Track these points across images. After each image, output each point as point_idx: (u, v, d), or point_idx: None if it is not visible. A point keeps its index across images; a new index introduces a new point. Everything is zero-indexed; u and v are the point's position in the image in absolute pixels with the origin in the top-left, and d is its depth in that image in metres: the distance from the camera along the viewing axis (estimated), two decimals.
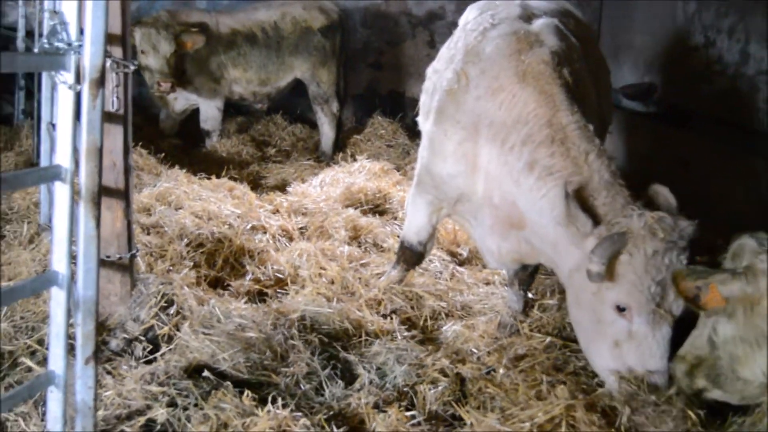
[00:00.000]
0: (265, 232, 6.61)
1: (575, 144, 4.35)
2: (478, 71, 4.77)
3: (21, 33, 8.62)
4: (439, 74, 5.23)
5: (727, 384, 3.93)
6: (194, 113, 10.04)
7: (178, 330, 4.72)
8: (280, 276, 5.85)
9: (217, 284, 5.68)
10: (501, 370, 4.58)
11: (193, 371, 4.34)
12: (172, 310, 4.86)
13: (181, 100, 9.83)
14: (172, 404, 4.03)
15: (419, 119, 5.60)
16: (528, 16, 5.11)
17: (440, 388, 4.44)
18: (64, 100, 3.17)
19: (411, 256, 5.57)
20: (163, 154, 8.42)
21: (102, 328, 4.68)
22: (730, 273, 3.79)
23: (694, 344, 4.04)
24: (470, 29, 5.14)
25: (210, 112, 9.88)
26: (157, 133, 9.90)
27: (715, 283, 3.79)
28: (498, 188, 4.65)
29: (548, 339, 5.03)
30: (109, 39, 4.15)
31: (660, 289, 3.98)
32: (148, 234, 5.94)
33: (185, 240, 5.92)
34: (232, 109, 11.31)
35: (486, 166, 4.69)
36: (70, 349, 3.36)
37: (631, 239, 3.97)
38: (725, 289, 3.76)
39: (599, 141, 4.46)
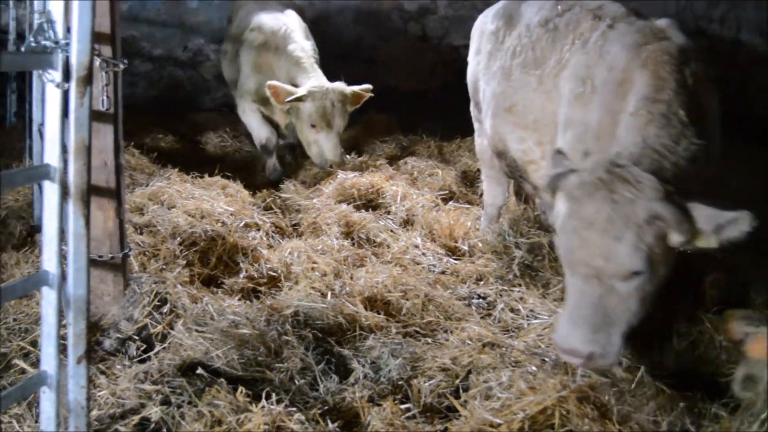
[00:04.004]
0: (258, 230, 6.61)
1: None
2: (605, 71, 4.71)
3: (12, 35, 8.61)
4: (516, 83, 5.48)
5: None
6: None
7: (171, 328, 4.72)
8: (273, 274, 5.85)
9: (210, 282, 5.67)
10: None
11: (187, 369, 4.33)
12: (165, 309, 4.85)
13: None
14: (165, 402, 4.02)
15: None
16: (632, 12, 5.08)
17: (435, 380, 4.45)
18: (52, 98, 3.16)
19: None
20: (155, 154, 8.42)
21: (95, 328, 4.68)
22: None
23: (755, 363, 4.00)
24: (564, 29, 5.25)
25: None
26: (148, 130, 9.78)
27: (763, 335, 3.74)
28: None
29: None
30: (98, 38, 4.16)
31: None
32: (141, 233, 5.93)
33: (178, 239, 5.90)
34: (225, 107, 11.32)
35: None
36: (63, 350, 3.35)
37: None
38: None
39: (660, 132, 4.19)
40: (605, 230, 3.67)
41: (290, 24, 8.51)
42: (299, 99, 7.88)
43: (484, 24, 6.46)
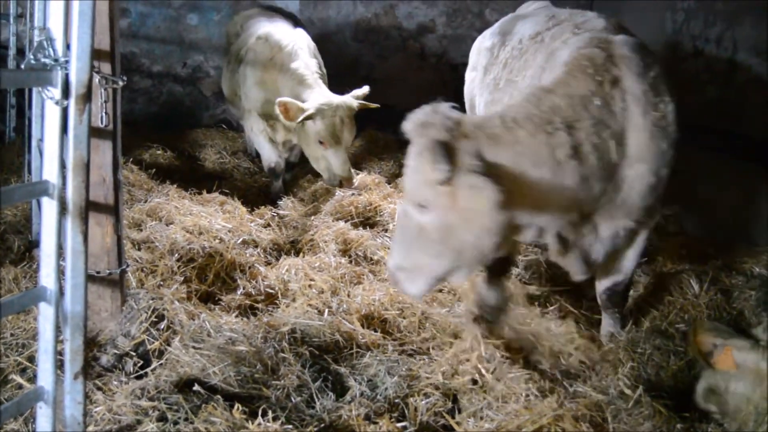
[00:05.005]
0: (256, 247, 6.62)
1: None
2: (549, 75, 4.67)
3: (12, 51, 8.65)
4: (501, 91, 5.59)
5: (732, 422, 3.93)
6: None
7: (168, 345, 4.71)
8: (271, 291, 5.86)
9: (208, 299, 5.67)
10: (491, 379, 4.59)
11: (184, 385, 4.32)
12: (162, 325, 4.85)
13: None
14: (162, 419, 4.00)
15: None
16: (615, 28, 5.03)
17: (432, 399, 4.45)
18: (51, 115, 3.18)
19: None
20: (154, 170, 8.43)
21: (93, 344, 4.67)
22: (750, 342, 3.78)
23: (716, 374, 4.02)
24: (549, 41, 5.27)
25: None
26: (146, 146, 9.78)
27: (731, 347, 3.78)
28: None
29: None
30: (98, 55, 4.18)
31: None
32: (139, 249, 5.94)
33: (176, 255, 5.91)
34: (224, 124, 11.36)
35: None
36: (60, 365, 3.35)
37: None
38: (740, 356, 3.74)
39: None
40: (408, 161, 4.01)
41: (298, 42, 8.34)
42: (309, 117, 7.56)
43: (482, 42, 6.61)
